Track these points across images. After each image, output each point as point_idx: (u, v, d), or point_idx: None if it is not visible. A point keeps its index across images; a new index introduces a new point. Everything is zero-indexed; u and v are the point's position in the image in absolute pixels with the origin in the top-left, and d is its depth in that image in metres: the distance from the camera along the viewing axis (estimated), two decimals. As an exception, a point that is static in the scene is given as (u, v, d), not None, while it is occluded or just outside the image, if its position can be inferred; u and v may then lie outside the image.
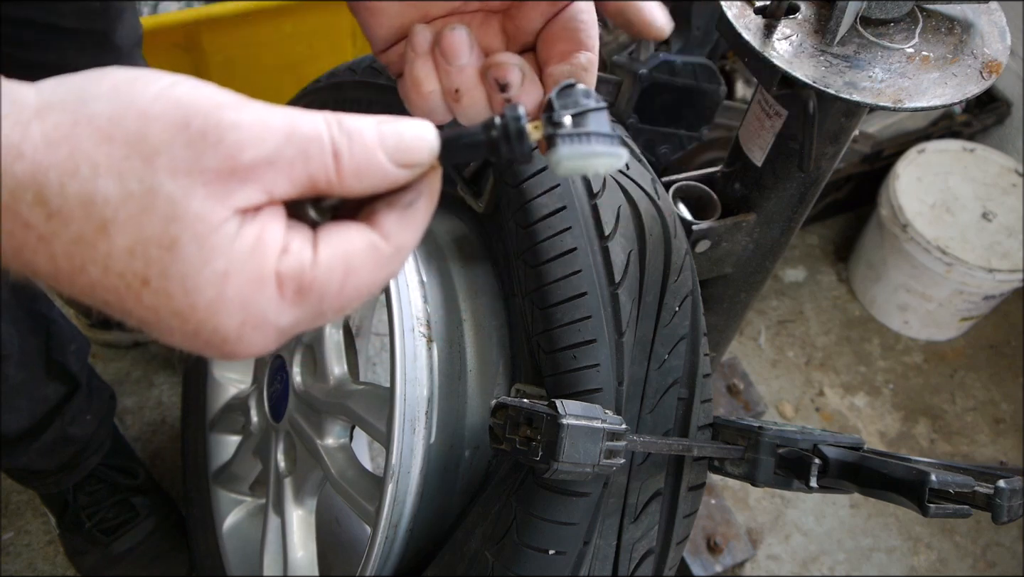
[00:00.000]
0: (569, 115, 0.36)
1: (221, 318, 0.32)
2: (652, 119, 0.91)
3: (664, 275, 0.70)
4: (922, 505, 0.58)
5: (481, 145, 0.36)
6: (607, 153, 0.37)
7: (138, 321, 0.32)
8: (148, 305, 0.31)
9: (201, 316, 0.31)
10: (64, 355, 1.01)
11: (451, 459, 0.70)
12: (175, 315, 0.31)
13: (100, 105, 0.30)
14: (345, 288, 0.34)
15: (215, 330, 0.32)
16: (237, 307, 0.32)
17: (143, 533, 1.21)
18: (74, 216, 0.29)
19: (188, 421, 1.25)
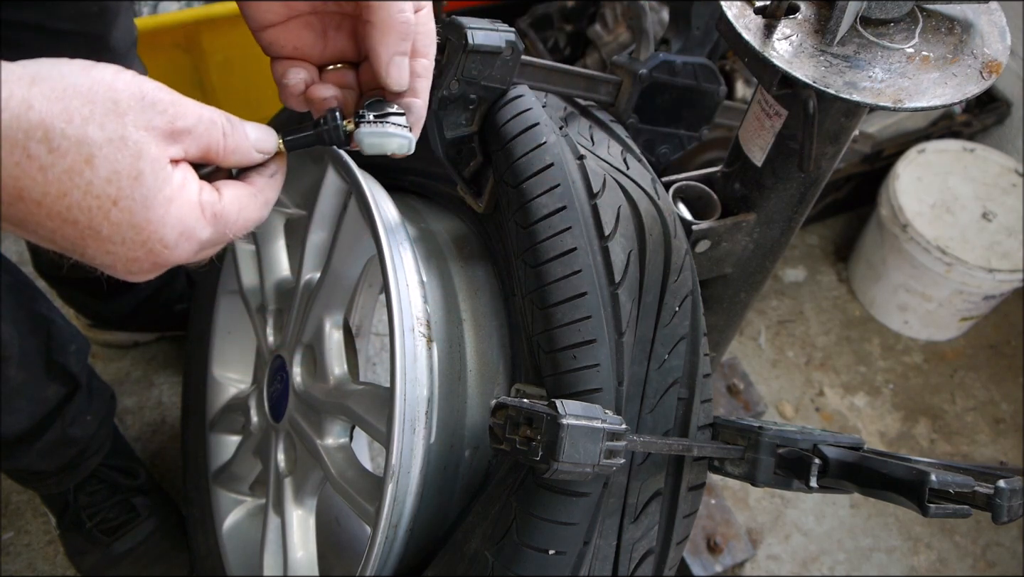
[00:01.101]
0: (372, 114, 0.54)
1: (166, 230, 0.45)
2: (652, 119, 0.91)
3: (664, 275, 0.70)
4: (922, 505, 0.58)
5: (312, 137, 0.54)
6: (397, 135, 0.54)
7: (95, 239, 0.43)
8: (114, 221, 0.43)
9: (153, 228, 0.44)
10: (64, 356, 1.01)
11: (451, 459, 0.70)
12: (132, 227, 0.44)
13: (77, 79, 0.42)
14: (239, 219, 0.50)
15: (160, 239, 0.45)
16: (176, 221, 0.45)
17: (144, 533, 1.21)
18: (69, 152, 0.41)
19: (188, 421, 1.25)
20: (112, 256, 0.45)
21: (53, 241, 0.44)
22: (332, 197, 0.90)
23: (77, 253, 0.45)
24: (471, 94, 0.73)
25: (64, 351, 1.01)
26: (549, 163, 0.67)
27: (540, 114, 0.71)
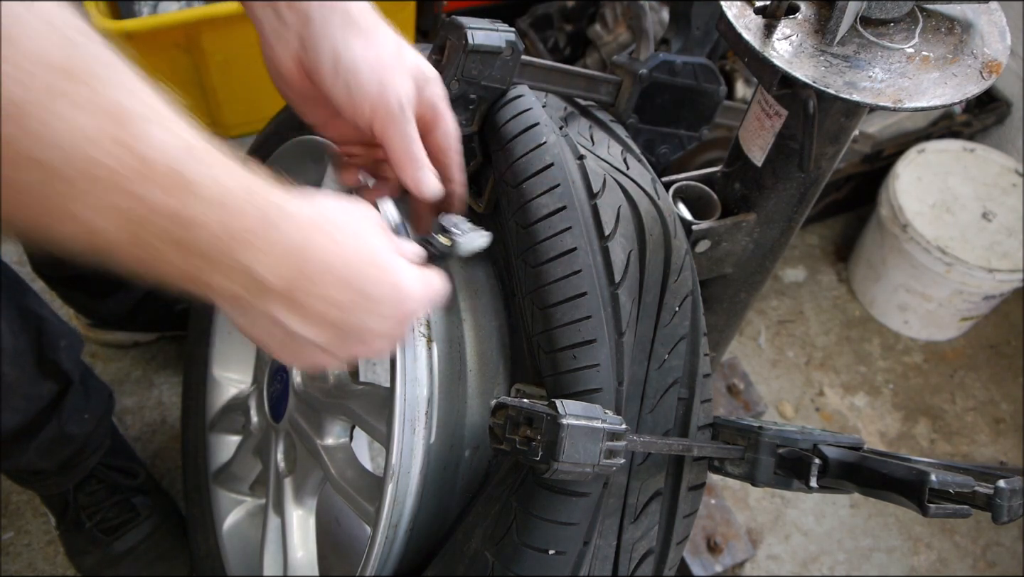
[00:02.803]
0: (454, 227, 0.65)
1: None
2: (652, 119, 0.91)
3: (664, 275, 0.70)
4: (922, 505, 0.58)
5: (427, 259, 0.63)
6: (478, 239, 0.66)
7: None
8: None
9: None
10: (56, 352, 1.01)
11: (451, 459, 0.70)
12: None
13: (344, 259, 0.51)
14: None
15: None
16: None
17: (144, 533, 1.21)
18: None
19: (188, 421, 1.25)
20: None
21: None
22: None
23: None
24: (471, 94, 0.73)
25: (55, 347, 1.01)
26: (549, 163, 0.67)
27: (540, 114, 0.71)
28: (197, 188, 0.42)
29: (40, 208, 0.38)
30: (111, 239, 0.41)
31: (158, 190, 0.41)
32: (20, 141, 0.36)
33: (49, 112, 0.36)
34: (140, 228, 0.41)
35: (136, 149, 0.39)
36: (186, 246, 0.43)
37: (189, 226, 0.42)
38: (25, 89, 0.35)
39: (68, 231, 0.40)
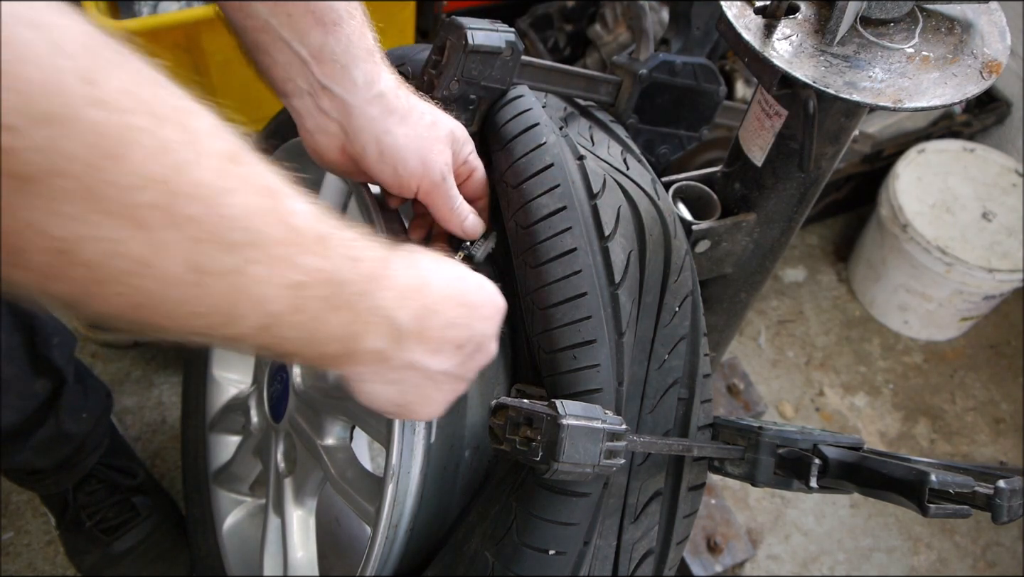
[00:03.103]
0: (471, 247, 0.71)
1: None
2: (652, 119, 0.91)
3: (664, 275, 0.70)
4: (922, 505, 0.58)
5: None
6: (490, 243, 0.72)
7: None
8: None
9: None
10: (48, 349, 1.01)
11: (451, 459, 0.70)
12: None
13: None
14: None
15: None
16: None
17: (144, 532, 1.21)
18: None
19: (188, 421, 1.25)
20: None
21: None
22: (332, 197, 0.90)
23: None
24: (471, 94, 0.73)
25: (47, 344, 1.01)
26: (549, 163, 0.67)
27: (540, 114, 0.71)
28: (335, 247, 0.45)
29: (228, 293, 0.40)
30: (277, 312, 0.43)
31: (312, 256, 0.43)
32: (211, 223, 0.38)
33: (227, 194, 0.38)
34: (302, 297, 0.43)
35: (291, 222, 0.42)
36: (342, 304, 0.46)
37: (339, 284, 0.46)
38: (209, 173, 0.38)
39: (245, 313, 0.42)
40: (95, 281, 0.36)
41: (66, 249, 0.34)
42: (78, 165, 0.32)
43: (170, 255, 0.37)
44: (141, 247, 0.36)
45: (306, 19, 0.59)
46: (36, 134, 0.31)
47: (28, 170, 0.31)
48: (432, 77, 0.73)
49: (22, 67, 0.30)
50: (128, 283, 0.37)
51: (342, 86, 0.61)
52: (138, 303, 0.38)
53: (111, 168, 0.33)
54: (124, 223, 0.35)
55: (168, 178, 0.36)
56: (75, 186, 0.33)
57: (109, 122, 0.33)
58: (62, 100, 0.31)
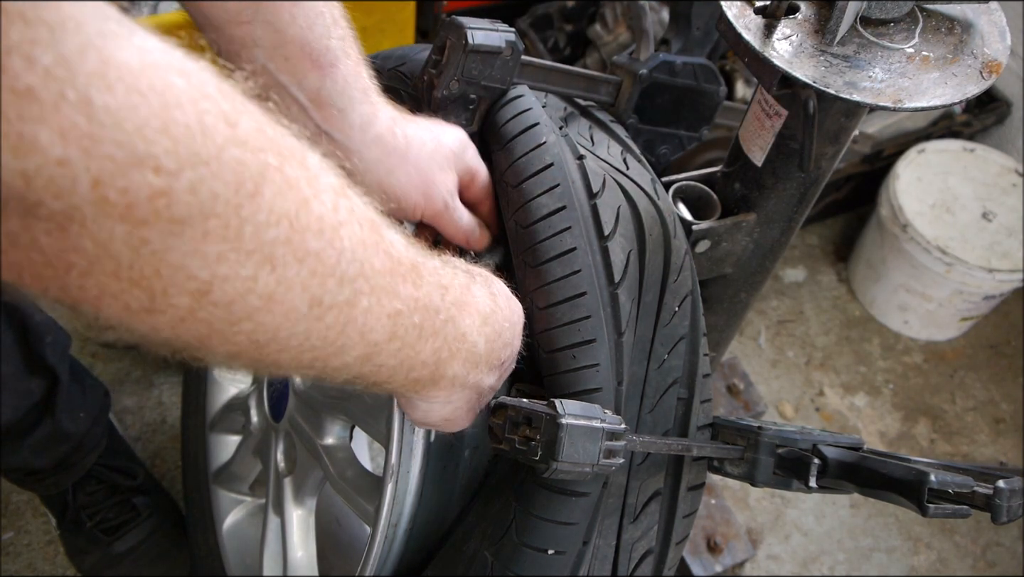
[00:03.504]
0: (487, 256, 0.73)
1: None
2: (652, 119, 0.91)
3: (664, 275, 0.70)
4: (921, 505, 0.58)
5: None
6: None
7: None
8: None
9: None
10: (41, 348, 1.01)
11: (451, 459, 0.70)
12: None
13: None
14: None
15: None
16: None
17: (144, 533, 1.21)
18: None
19: (188, 421, 1.25)
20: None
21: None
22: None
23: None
24: (471, 94, 0.73)
25: (40, 343, 1.01)
26: (549, 163, 0.67)
27: (540, 114, 0.71)
28: (426, 276, 0.47)
29: (341, 325, 0.41)
30: (377, 340, 0.44)
31: (409, 285, 0.45)
32: (330, 257, 0.39)
33: (340, 227, 0.39)
34: (399, 324, 0.45)
35: (391, 253, 0.44)
36: (431, 331, 0.48)
37: (430, 310, 0.47)
38: (327, 208, 0.38)
39: (352, 345, 0.43)
40: (227, 321, 0.37)
41: (206, 290, 0.35)
42: (222, 204, 0.33)
43: (295, 290, 0.38)
44: (271, 283, 0.37)
45: (303, 63, 0.59)
46: (187, 176, 0.31)
47: (181, 212, 0.32)
48: (432, 77, 0.73)
49: (173, 112, 0.31)
50: (256, 320, 0.37)
51: (341, 131, 0.62)
52: (260, 341, 0.39)
53: (249, 206, 0.34)
54: (258, 260, 0.36)
55: (294, 214, 0.36)
56: (220, 225, 0.33)
57: (247, 160, 0.34)
58: (208, 141, 0.32)
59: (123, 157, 0.29)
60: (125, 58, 0.29)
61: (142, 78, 0.29)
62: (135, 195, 0.30)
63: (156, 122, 0.30)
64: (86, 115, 0.28)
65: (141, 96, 0.29)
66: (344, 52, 0.61)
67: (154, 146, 0.30)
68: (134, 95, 0.29)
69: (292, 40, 0.57)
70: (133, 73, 0.29)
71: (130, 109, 0.29)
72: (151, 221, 0.31)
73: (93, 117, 0.28)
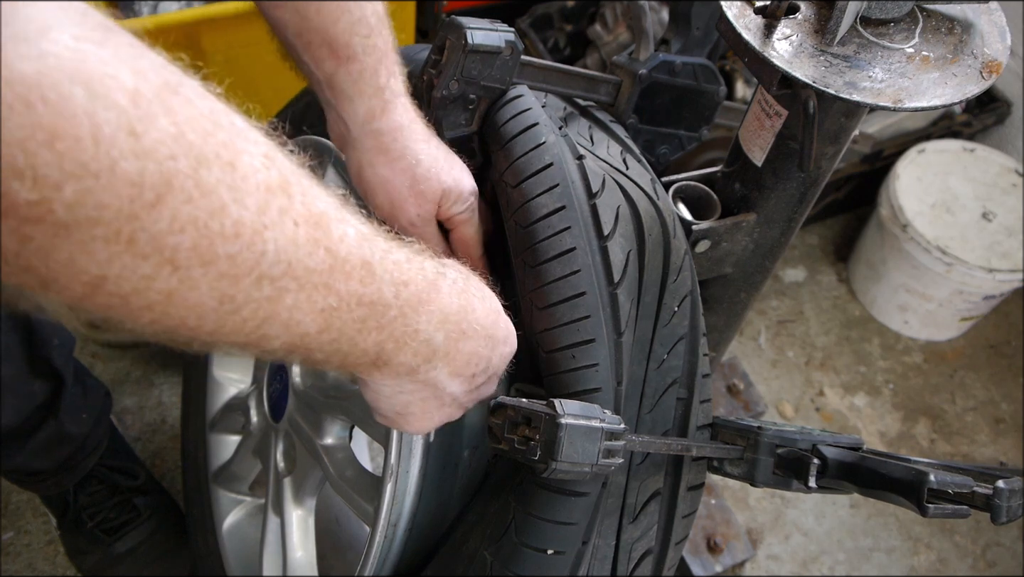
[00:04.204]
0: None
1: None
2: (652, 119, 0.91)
3: (663, 275, 0.70)
4: (921, 505, 0.58)
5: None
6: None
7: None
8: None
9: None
10: (47, 350, 1.01)
11: (450, 459, 0.70)
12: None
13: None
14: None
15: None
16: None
17: (145, 533, 1.21)
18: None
19: (188, 421, 1.25)
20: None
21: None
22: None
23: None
24: (471, 94, 0.73)
25: (47, 345, 1.01)
26: (548, 163, 0.67)
27: (540, 114, 0.71)
28: (380, 272, 0.46)
29: (260, 320, 0.40)
30: (306, 332, 0.43)
31: (355, 283, 0.44)
32: (247, 259, 0.38)
33: (271, 230, 0.38)
34: (334, 318, 0.44)
35: (335, 250, 0.43)
36: (374, 326, 0.47)
37: (377, 305, 0.46)
38: (250, 211, 0.37)
39: (275, 335, 0.42)
40: (126, 308, 0.36)
41: (99, 283, 0.34)
42: (112, 214, 0.32)
43: (200, 289, 0.37)
44: (172, 282, 0.36)
45: (321, 50, 0.64)
46: (71, 188, 0.31)
47: (62, 219, 0.31)
48: (432, 77, 0.73)
49: (62, 122, 0.30)
50: (158, 311, 0.37)
51: (346, 113, 0.68)
52: (169, 327, 0.38)
53: (146, 216, 0.33)
54: (157, 263, 0.35)
55: (204, 221, 0.35)
56: (109, 233, 0.33)
57: (145, 171, 0.33)
58: (101, 153, 0.31)
59: (3, 167, 0.29)
60: (20, 68, 0.29)
61: (34, 89, 0.29)
62: (13, 200, 0.30)
63: (41, 134, 0.30)
64: None
65: (27, 107, 0.29)
66: (365, 50, 0.65)
67: (34, 158, 0.30)
68: (18, 106, 0.29)
69: (315, 29, 0.63)
70: (25, 83, 0.29)
71: (13, 120, 0.29)
72: (32, 223, 0.31)
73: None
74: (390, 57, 0.67)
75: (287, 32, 0.64)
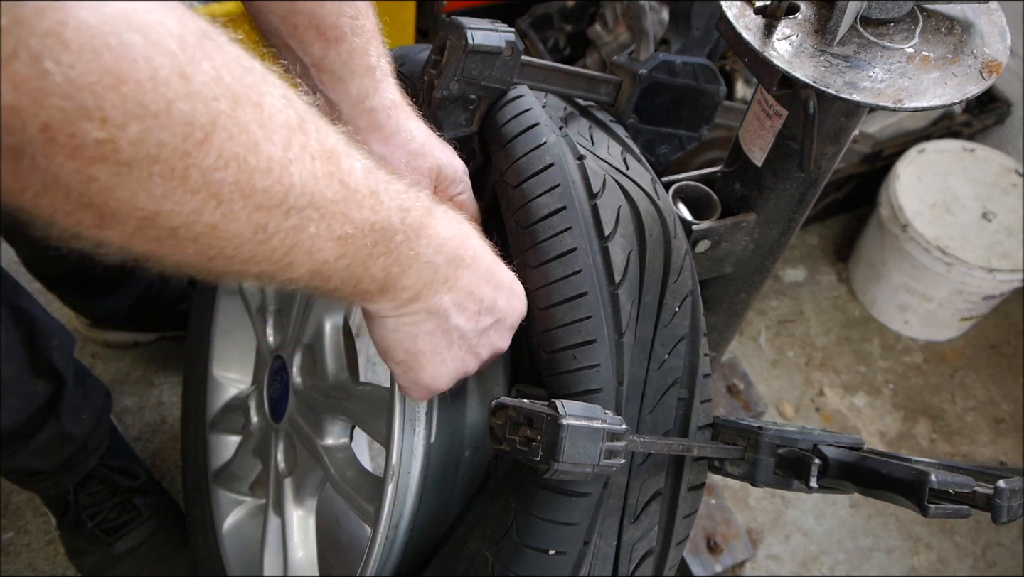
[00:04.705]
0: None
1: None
2: (652, 119, 0.91)
3: (664, 275, 0.70)
4: (922, 505, 0.58)
5: None
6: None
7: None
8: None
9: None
10: (48, 350, 1.01)
11: (451, 459, 0.70)
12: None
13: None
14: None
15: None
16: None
17: (145, 533, 1.21)
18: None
19: (188, 421, 1.25)
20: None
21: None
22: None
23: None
24: (471, 94, 0.73)
25: (47, 345, 1.00)
26: (549, 163, 0.67)
27: (540, 114, 0.71)
28: (385, 199, 0.49)
29: (288, 247, 0.44)
30: (326, 259, 0.47)
31: (367, 211, 0.48)
32: (278, 192, 0.41)
33: (291, 164, 0.42)
34: (350, 244, 0.47)
35: (347, 182, 0.46)
36: (383, 251, 0.50)
37: (386, 232, 0.49)
38: (277, 148, 0.41)
39: (300, 262, 0.46)
40: (173, 241, 0.40)
41: (152, 217, 0.37)
42: (169, 152, 0.35)
43: (240, 220, 0.41)
44: (216, 216, 0.39)
45: (309, 32, 0.64)
46: (134, 127, 0.34)
47: (126, 157, 0.34)
48: (432, 77, 0.73)
49: (125, 66, 0.33)
50: (201, 242, 0.40)
51: (337, 95, 0.67)
52: (207, 256, 0.42)
53: (196, 152, 0.37)
54: (204, 197, 0.38)
55: (244, 156, 0.39)
56: (166, 169, 0.36)
57: (198, 111, 0.36)
58: (159, 95, 0.34)
59: (72, 108, 0.31)
60: (84, 17, 0.31)
61: (98, 37, 0.31)
62: (82, 140, 0.32)
63: (108, 79, 0.32)
64: (36, 72, 0.30)
65: (94, 53, 0.31)
66: (353, 31, 0.65)
67: (103, 100, 0.32)
68: (87, 52, 0.31)
69: (301, 11, 0.63)
70: (90, 31, 0.31)
71: (82, 66, 0.31)
72: (98, 162, 0.34)
73: (43, 74, 0.30)
74: (377, 38, 0.67)
75: (271, 17, 0.65)
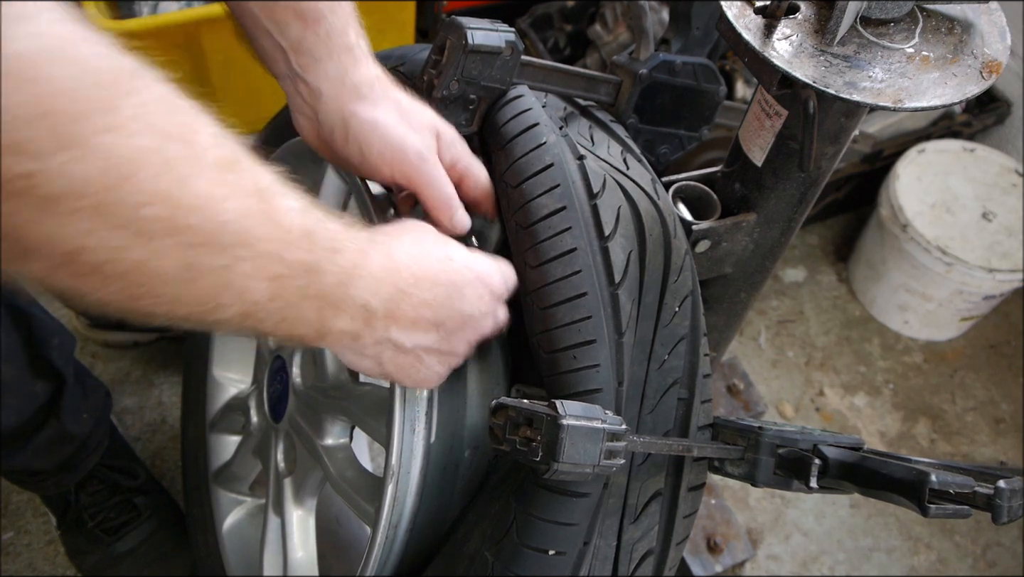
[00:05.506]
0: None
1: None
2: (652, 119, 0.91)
3: (664, 275, 0.70)
4: (922, 505, 0.58)
5: None
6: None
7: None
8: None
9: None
10: (47, 350, 1.01)
11: (451, 459, 0.70)
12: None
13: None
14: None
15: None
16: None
17: (145, 533, 1.21)
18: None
19: (188, 421, 1.25)
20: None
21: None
22: (331, 197, 0.90)
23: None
24: (471, 94, 0.73)
25: (47, 345, 1.01)
26: (549, 163, 0.67)
27: (540, 114, 0.71)
28: (319, 240, 0.49)
29: (218, 287, 0.44)
30: (258, 300, 0.46)
31: (298, 250, 0.47)
32: (208, 229, 0.41)
33: (222, 201, 0.42)
34: (282, 286, 0.47)
35: (281, 221, 0.46)
36: (315, 293, 0.49)
37: (318, 273, 0.49)
38: (209, 184, 0.41)
39: (230, 303, 0.45)
40: (98, 277, 0.39)
41: (76, 254, 0.37)
42: (93, 187, 0.35)
43: (168, 258, 0.40)
44: (143, 253, 0.39)
45: (286, 13, 0.63)
46: (57, 159, 0.34)
47: (51, 191, 0.34)
48: (432, 77, 0.73)
49: (52, 100, 0.33)
50: (126, 280, 0.40)
51: (315, 75, 0.65)
52: (133, 295, 0.41)
53: (121, 187, 0.36)
54: (129, 234, 0.38)
55: (171, 193, 0.39)
56: (90, 204, 0.36)
57: (118, 145, 0.36)
58: (84, 127, 0.34)
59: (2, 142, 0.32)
60: (15, 49, 0.32)
61: (30, 68, 0.32)
62: (5, 174, 0.33)
63: (34, 110, 0.32)
64: None
65: (22, 85, 0.32)
66: (331, 10, 0.64)
67: (28, 132, 0.32)
68: (12, 83, 0.32)
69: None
70: (22, 63, 0.32)
71: (9, 98, 0.32)
72: (21, 196, 0.34)
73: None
74: (355, 20, 0.67)
75: (249, 2, 0.64)
